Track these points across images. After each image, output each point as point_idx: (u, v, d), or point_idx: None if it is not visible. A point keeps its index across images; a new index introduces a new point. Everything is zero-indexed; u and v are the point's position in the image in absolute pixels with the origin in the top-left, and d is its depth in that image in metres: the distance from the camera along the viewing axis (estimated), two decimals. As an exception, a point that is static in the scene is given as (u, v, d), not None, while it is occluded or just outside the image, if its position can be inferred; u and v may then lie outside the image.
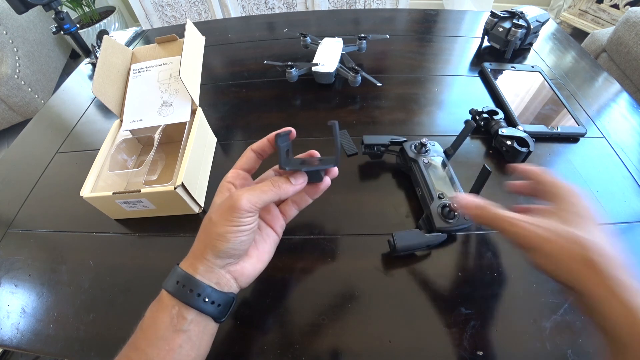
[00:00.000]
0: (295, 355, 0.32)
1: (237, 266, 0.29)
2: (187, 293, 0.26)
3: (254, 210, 0.27)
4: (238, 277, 0.29)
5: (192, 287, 0.26)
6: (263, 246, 0.31)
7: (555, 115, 0.53)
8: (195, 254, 0.28)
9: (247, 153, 0.32)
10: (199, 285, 0.26)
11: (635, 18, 1.10)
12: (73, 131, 0.60)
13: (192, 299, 0.26)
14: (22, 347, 0.35)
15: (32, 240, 0.45)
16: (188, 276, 0.26)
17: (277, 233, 0.33)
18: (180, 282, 0.26)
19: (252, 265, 0.30)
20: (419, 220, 0.40)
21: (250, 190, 0.27)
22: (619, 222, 0.40)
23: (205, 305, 0.26)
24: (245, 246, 0.28)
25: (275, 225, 0.33)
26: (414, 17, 0.83)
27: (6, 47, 1.52)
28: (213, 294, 0.27)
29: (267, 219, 0.33)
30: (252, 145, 0.32)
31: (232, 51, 0.75)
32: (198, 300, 0.26)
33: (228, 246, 0.26)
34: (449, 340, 0.32)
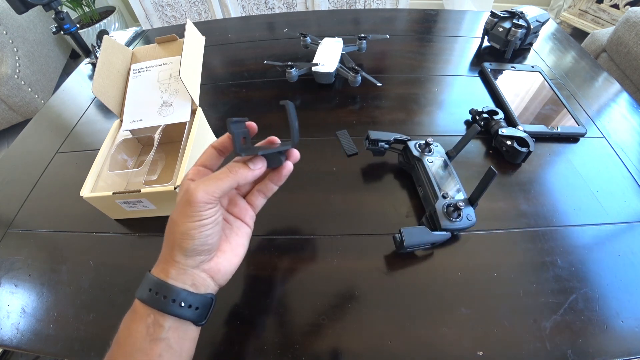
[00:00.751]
0: (295, 355, 0.32)
1: (212, 263, 0.27)
2: (161, 300, 0.25)
3: (213, 200, 0.25)
4: (214, 274, 0.27)
5: (165, 294, 0.25)
6: (236, 239, 0.30)
7: (555, 115, 0.53)
8: (165, 258, 0.26)
9: (208, 150, 0.30)
10: (173, 291, 0.25)
11: (635, 18, 1.10)
12: (73, 131, 0.60)
13: (167, 305, 0.25)
14: (22, 347, 0.35)
15: (32, 240, 0.45)
16: (160, 282, 0.25)
17: (248, 225, 0.32)
18: (153, 290, 0.25)
19: (228, 261, 0.28)
20: (421, 219, 0.40)
21: (205, 181, 0.25)
22: (619, 222, 0.40)
23: (182, 310, 0.25)
24: (212, 240, 0.26)
25: (245, 217, 0.32)
26: (414, 17, 0.83)
27: (6, 47, 1.52)
28: (189, 298, 0.25)
29: (234, 211, 0.31)
30: (213, 142, 0.30)
31: (232, 51, 0.75)
32: (173, 306, 0.25)
33: (194, 243, 0.25)
34: (449, 340, 0.32)
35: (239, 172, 0.26)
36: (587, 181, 0.45)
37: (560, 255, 0.37)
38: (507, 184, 0.45)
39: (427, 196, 0.40)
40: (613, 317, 0.33)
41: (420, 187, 0.42)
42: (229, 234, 0.30)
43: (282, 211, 0.44)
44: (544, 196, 0.43)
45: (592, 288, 0.35)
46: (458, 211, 0.36)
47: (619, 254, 0.38)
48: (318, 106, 0.59)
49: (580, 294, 0.34)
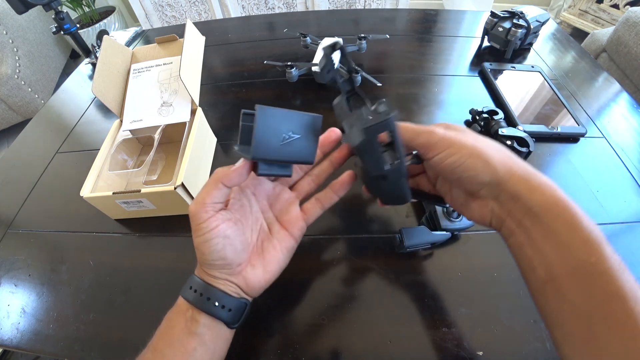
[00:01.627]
0: (295, 355, 0.32)
1: (239, 277, 0.27)
2: (198, 297, 0.26)
3: (208, 209, 0.25)
4: (243, 287, 0.27)
5: (202, 292, 0.26)
6: (272, 254, 0.28)
7: (555, 115, 0.53)
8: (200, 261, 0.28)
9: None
10: (209, 290, 0.26)
11: (635, 18, 1.10)
12: (73, 131, 0.60)
13: (202, 302, 0.26)
14: (22, 347, 0.35)
15: (32, 240, 0.45)
16: (199, 281, 0.27)
17: (293, 237, 0.29)
18: (192, 288, 0.27)
19: (258, 277, 0.27)
20: (421, 219, 0.40)
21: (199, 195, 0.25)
22: (619, 222, 0.40)
23: (216, 309, 0.26)
24: (229, 253, 0.26)
25: (293, 227, 0.29)
26: (414, 17, 0.83)
27: (6, 47, 1.52)
28: (223, 298, 0.26)
29: (284, 220, 0.29)
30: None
31: (232, 51, 0.75)
32: (208, 303, 0.26)
33: (210, 257, 0.26)
34: (449, 341, 0.32)
35: (217, 172, 0.25)
36: (587, 181, 0.45)
37: (560, 255, 0.37)
38: (507, 184, 0.45)
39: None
40: (613, 317, 0.33)
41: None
42: (265, 247, 0.28)
43: (282, 211, 0.44)
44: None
45: (592, 288, 0.35)
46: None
47: (619, 254, 0.38)
48: (318, 106, 0.59)
49: (580, 294, 0.34)
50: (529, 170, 0.24)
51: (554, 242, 0.21)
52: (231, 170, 0.25)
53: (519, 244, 0.23)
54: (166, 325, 0.27)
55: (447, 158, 0.24)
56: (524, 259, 0.23)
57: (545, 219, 0.21)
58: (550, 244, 0.21)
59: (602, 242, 0.20)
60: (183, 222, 0.44)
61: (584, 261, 0.20)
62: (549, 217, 0.21)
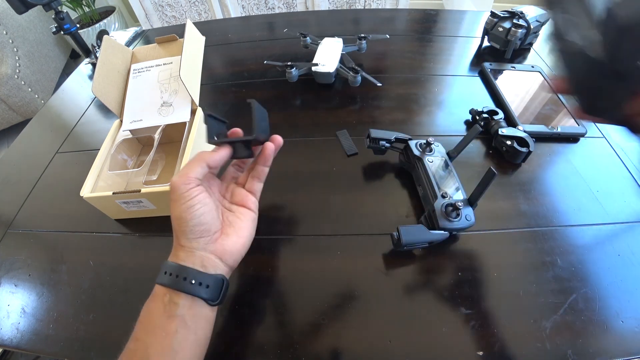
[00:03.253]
0: (295, 355, 0.32)
1: (217, 244, 0.30)
2: (174, 279, 0.27)
3: (190, 181, 0.29)
4: (221, 255, 0.30)
5: (177, 273, 0.27)
6: (238, 223, 0.32)
7: (555, 115, 0.53)
8: (174, 245, 0.30)
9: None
10: (184, 270, 0.27)
11: (635, 18, 1.10)
12: (73, 131, 0.60)
13: (179, 283, 0.27)
14: (22, 347, 0.35)
15: (32, 240, 0.45)
16: (173, 264, 0.28)
17: (251, 209, 0.34)
18: (167, 272, 0.28)
19: (233, 242, 0.31)
20: (420, 218, 0.40)
21: (180, 170, 0.30)
22: (619, 222, 0.40)
23: (193, 287, 0.27)
24: (206, 219, 0.29)
25: (247, 203, 0.34)
26: (414, 17, 0.83)
27: (6, 47, 1.52)
28: (198, 276, 0.28)
29: (236, 200, 0.34)
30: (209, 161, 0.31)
31: (232, 51, 0.75)
32: (185, 283, 0.27)
33: (191, 223, 0.28)
34: (449, 341, 0.32)
35: (204, 155, 0.31)
36: (587, 181, 0.45)
37: (560, 255, 0.37)
38: (507, 184, 0.45)
39: (426, 195, 0.40)
40: (613, 317, 0.33)
41: (420, 186, 0.42)
42: (232, 220, 0.32)
43: (282, 211, 0.44)
44: (544, 196, 0.43)
45: (592, 288, 0.35)
46: (457, 211, 0.36)
47: (619, 254, 0.38)
48: (318, 106, 0.59)
49: (580, 294, 0.34)
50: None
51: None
52: (216, 153, 0.31)
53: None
54: (145, 314, 0.27)
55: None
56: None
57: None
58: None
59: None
60: (183, 222, 0.44)
61: None
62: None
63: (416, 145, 0.43)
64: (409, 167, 0.45)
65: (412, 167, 0.44)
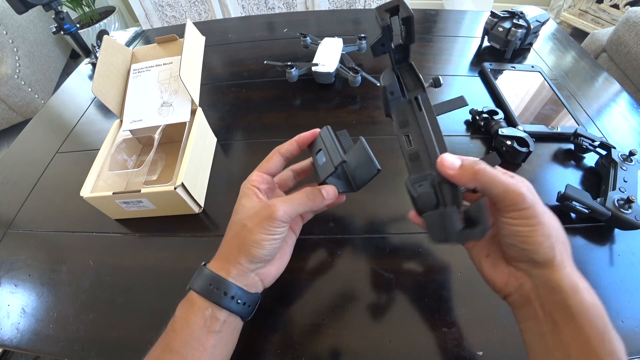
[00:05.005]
0: (295, 355, 0.32)
1: (265, 269, 0.30)
2: (221, 296, 0.27)
3: (288, 220, 0.29)
4: (264, 278, 0.30)
5: (225, 290, 0.27)
6: (285, 248, 0.33)
7: (555, 115, 0.53)
8: (227, 258, 0.29)
9: (275, 157, 0.32)
10: (232, 288, 0.28)
11: (635, 18, 1.10)
12: (73, 131, 0.60)
13: (226, 301, 0.27)
14: (22, 347, 0.35)
15: (32, 240, 0.45)
16: (220, 279, 0.28)
17: (295, 234, 0.35)
18: (213, 285, 0.27)
19: (277, 267, 0.31)
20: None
21: (286, 202, 0.29)
22: (619, 222, 0.40)
23: (237, 306, 0.28)
24: (275, 252, 0.30)
25: (295, 227, 0.35)
26: (414, 17, 0.83)
27: (6, 47, 1.52)
28: (243, 295, 0.28)
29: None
30: (280, 148, 0.33)
31: (232, 51, 0.75)
32: (231, 302, 0.27)
33: (262, 252, 0.28)
34: (449, 341, 0.32)
35: (315, 201, 0.30)
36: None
37: (560, 255, 0.37)
38: (507, 184, 0.45)
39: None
40: (613, 317, 0.33)
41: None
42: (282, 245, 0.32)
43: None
44: (544, 196, 0.43)
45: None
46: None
47: (619, 254, 0.38)
48: (318, 106, 0.59)
49: (580, 294, 0.34)
50: (575, 268, 0.24)
51: (582, 346, 0.21)
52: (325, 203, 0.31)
53: (541, 332, 0.23)
54: (183, 325, 0.27)
55: (521, 225, 0.24)
56: (541, 347, 0.23)
57: (580, 322, 0.22)
58: (578, 346, 0.22)
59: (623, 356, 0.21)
60: (183, 222, 0.44)
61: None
62: (583, 322, 0.22)
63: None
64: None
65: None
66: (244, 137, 0.55)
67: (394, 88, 0.31)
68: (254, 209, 0.29)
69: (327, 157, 0.31)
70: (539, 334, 0.24)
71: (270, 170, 0.32)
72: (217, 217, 0.44)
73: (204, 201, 0.45)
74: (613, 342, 0.21)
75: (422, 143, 0.30)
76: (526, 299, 0.25)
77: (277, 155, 0.32)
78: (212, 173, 0.49)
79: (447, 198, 0.27)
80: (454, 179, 0.25)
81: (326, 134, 0.32)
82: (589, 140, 0.45)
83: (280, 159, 0.33)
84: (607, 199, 0.39)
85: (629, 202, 0.38)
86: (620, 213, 0.37)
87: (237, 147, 0.53)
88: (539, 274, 0.24)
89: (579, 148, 0.47)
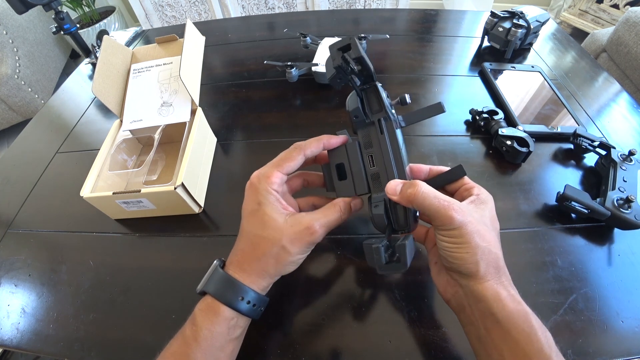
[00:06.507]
0: (295, 355, 0.32)
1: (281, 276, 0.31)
2: (252, 308, 0.28)
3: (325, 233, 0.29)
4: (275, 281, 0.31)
5: (256, 303, 0.28)
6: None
7: (555, 115, 0.53)
8: (259, 273, 0.28)
9: (298, 157, 0.30)
10: (261, 301, 0.29)
11: (635, 18, 1.10)
12: (73, 131, 0.60)
13: (255, 311, 0.29)
14: (22, 347, 0.35)
15: (32, 240, 0.45)
16: (250, 291, 0.28)
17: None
18: (244, 298, 0.28)
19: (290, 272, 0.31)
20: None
21: (321, 220, 0.29)
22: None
23: (255, 311, 0.29)
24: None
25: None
26: (414, 17, 0.83)
27: (6, 47, 1.52)
28: (261, 302, 0.29)
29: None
30: (305, 148, 0.31)
31: (232, 51, 0.75)
32: (252, 309, 0.28)
33: (291, 268, 0.29)
34: (449, 341, 0.32)
35: (345, 214, 0.30)
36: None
37: (560, 255, 0.37)
38: (507, 184, 0.45)
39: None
40: (613, 317, 0.33)
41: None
42: None
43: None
44: (543, 196, 0.43)
45: (592, 288, 0.35)
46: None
47: (619, 254, 0.38)
48: (318, 106, 0.59)
49: (580, 294, 0.34)
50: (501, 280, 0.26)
51: (512, 347, 0.23)
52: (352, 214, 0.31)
53: (479, 335, 0.26)
54: (208, 335, 0.26)
55: (449, 242, 0.26)
56: (482, 349, 0.26)
57: (506, 327, 0.24)
58: (509, 348, 0.24)
59: (552, 352, 0.23)
60: (183, 222, 0.44)
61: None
62: (509, 326, 0.24)
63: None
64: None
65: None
66: (244, 137, 0.55)
67: (357, 112, 0.31)
68: (289, 227, 0.28)
69: (349, 177, 0.31)
70: (477, 338, 0.26)
71: (290, 171, 0.30)
72: (217, 217, 0.44)
73: (204, 201, 0.45)
74: (541, 341, 0.23)
75: (383, 165, 0.31)
76: (461, 306, 0.27)
77: (301, 156, 0.30)
78: (212, 173, 0.49)
79: (400, 219, 0.30)
80: (399, 202, 0.28)
81: (354, 150, 0.32)
82: (589, 141, 0.46)
83: (303, 160, 0.31)
84: (607, 199, 0.39)
85: (629, 202, 0.38)
86: (619, 213, 0.37)
87: (237, 147, 0.53)
88: (466, 284, 0.26)
89: (578, 148, 0.47)
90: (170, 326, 0.29)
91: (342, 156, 0.32)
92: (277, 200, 0.29)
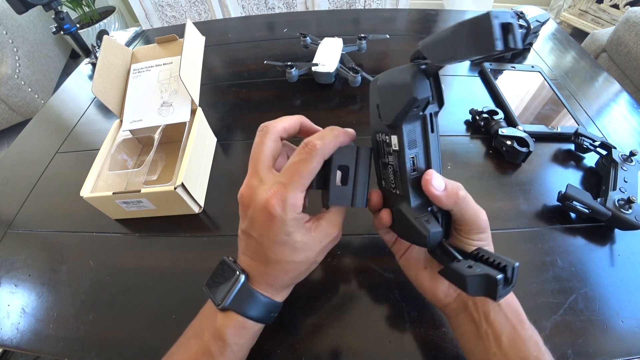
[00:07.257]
0: (295, 355, 0.32)
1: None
2: (273, 318, 0.30)
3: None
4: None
5: (274, 312, 0.29)
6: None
7: (555, 115, 0.53)
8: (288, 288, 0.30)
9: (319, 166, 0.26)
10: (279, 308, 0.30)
11: (635, 18, 1.10)
12: (73, 131, 0.60)
13: (272, 319, 0.30)
14: (22, 347, 0.35)
15: (32, 240, 0.45)
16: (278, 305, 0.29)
17: None
18: (274, 313, 0.29)
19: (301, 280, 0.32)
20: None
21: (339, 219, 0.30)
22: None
23: (273, 318, 0.30)
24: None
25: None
26: (414, 17, 0.83)
27: (6, 47, 1.52)
28: (278, 310, 0.30)
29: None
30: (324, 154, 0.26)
31: (232, 51, 0.75)
32: (273, 318, 0.30)
33: (303, 276, 0.30)
34: (449, 341, 0.32)
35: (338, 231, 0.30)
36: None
37: (560, 255, 0.37)
38: (507, 184, 0.45)
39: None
40: (613, 317, 0.33)
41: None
42: None
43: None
44: (544, 196, 0.43)
45: (592, 288, 0.35)
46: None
47: (619, 254, 0.38)
48: (318, 106, 0.59)
49: (580, 294, 0.34)
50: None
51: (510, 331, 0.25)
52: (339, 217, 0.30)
53: (479, 333, 0.26)
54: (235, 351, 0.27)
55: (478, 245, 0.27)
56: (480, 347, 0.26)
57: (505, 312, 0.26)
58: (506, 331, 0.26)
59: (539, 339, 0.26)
60: (183, 222, 0.44)
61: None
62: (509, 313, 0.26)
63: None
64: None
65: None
66: (244, 137, 0.55)
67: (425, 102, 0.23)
68: (318, 242, 0.27)
69: (350, 185, 0.27)
70: (476, 336, 0.26)
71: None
72: (217, 217, 0.44)
73: (204, 201, 0.45)
74: (529, 330, 0.26)
75: (422, 169, 0.25)
76: (464, 305, 0.28)
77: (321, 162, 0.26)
78: (212, 173, 0.49)
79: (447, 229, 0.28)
80: (435, 199, 0.25)
81: (366, 157, 0.28)
82: (590, 140, 0.45)
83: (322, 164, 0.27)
84: (608, 199, 0.39)
85: (629, 203, 0.38)
86: (620, 213, 0.37)
87: (237, 147, 0.53)
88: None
89: (579, 148, 0.47)
90: (170, 326, 0.29)
91: (349, 159, 0.27)
92: (302, 218, 0.26)
